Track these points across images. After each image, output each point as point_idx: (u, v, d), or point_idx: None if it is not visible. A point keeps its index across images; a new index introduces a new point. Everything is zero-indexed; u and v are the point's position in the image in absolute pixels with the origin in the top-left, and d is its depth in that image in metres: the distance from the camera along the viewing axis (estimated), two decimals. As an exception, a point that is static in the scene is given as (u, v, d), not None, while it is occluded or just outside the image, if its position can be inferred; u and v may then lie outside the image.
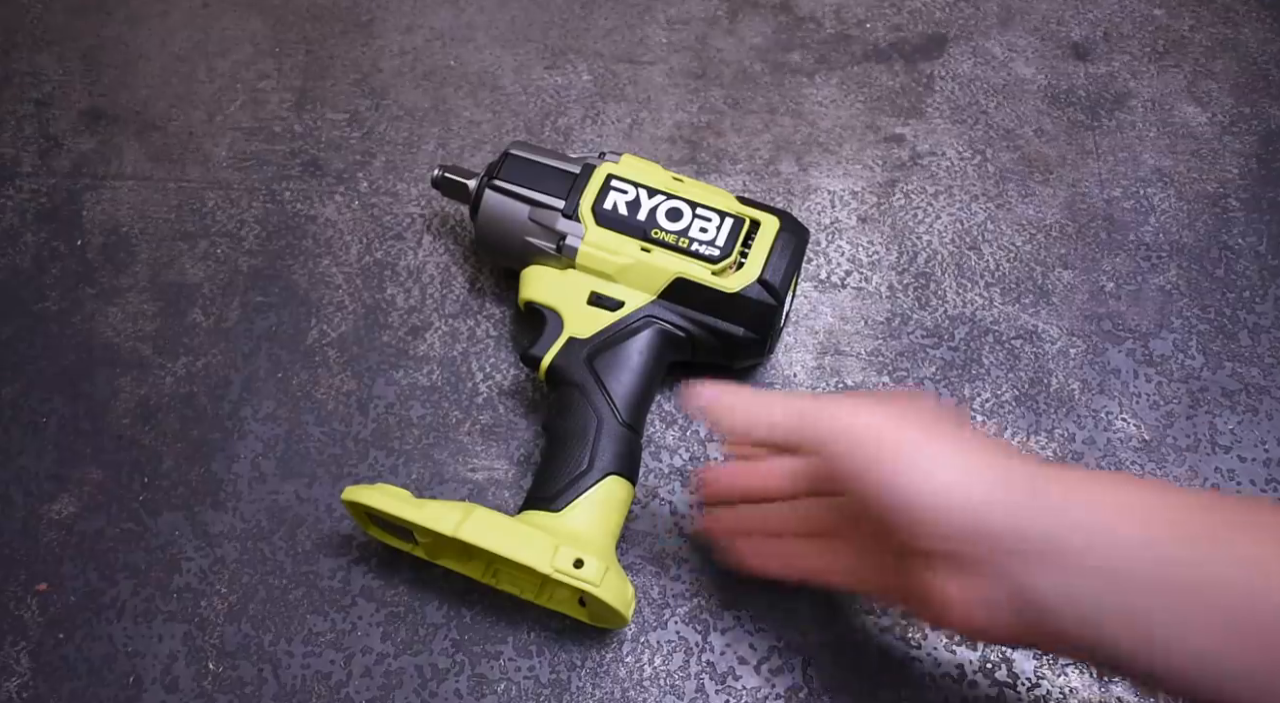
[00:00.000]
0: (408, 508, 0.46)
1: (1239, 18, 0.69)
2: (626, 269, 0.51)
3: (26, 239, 0.61)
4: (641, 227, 0.51)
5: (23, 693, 0.49)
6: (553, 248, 0.52)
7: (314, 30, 0.69)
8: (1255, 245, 0.61)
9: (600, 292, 0.52)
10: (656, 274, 0.51)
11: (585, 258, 0.51)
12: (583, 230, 0.52)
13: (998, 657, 0.50)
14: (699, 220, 0.51)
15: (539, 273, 0.53)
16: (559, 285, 0.52)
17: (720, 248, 0.50)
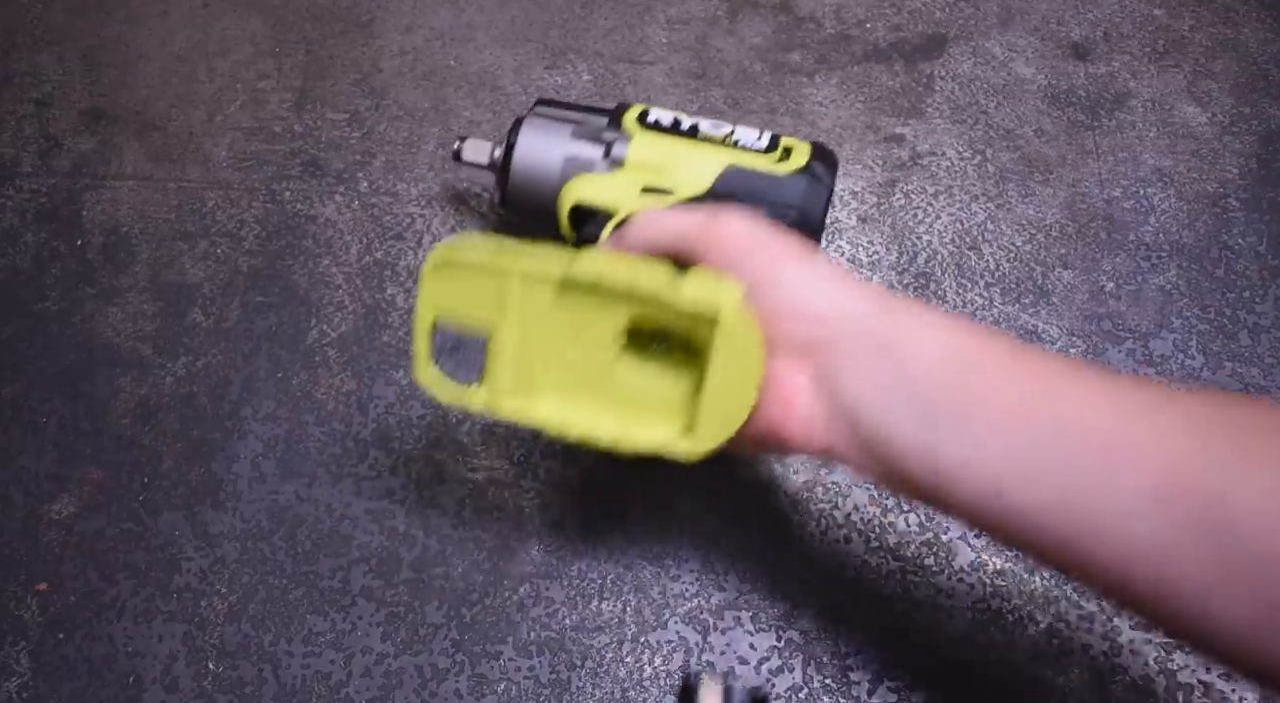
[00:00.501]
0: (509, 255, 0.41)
1: (1239, 18, 0.69)
2: (677, 162, 0.50)
3: (26, 239, 0.61)
4: (688, 131, 0.51)
5: (23, 693, 0.49)
6: (600, 153, 0.51)
7: (314, 30, 0.69)
8: (1255, 245, 0.61)
9: (653, 184, 0.50)
10: (708, 164, 0.50)
11: (636, 157, 0.51)
12: (630, 134, 0.51)
13: (997, 657, 0.50)
14: (740, 129, 0.52)
15: (586, 179, 0.51)
16: (609, 186, 0.51)
17: (766, 144, 0.51)
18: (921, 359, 0.37)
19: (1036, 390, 0.35)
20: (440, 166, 0.63)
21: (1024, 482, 0.35)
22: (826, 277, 0.40)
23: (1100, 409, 0.34)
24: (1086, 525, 0.33)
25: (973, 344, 0.37)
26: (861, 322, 0.38)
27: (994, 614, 0.51)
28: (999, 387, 0.36)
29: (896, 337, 0.38)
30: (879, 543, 0.52)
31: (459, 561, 0.52)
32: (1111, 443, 0.33)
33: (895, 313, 0.39)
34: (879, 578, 0.51)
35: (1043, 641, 0.50)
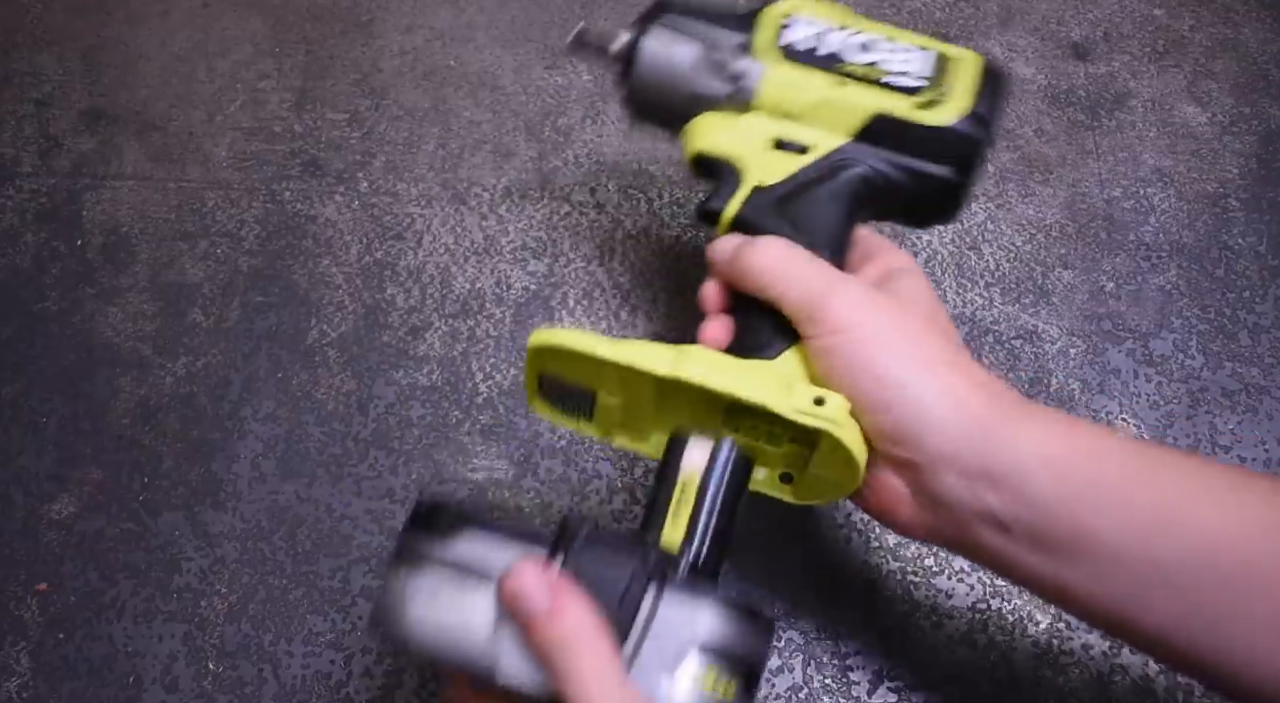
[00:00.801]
0: (612, 348, 0.39)
1: (1239, 18, 0.69)
2: (815, 108, 0.44)
3: (26, 239, 0.61)
4: (830, 59, 0.44)
5: (23, 693, 0.49)
6: (727, 91, 0.45)
7: (314, 30, 0.69)
8: (1255, 245, 0.61)
9: (785, 135, 0.44)
10: (850, 111, 0.43)
11: (767, 97, 0.44)
12: (762, 67, 0.44)
13: (997, 657, 0.50)
14: (894, 53, 0.44)
15: (710, 121, 0.45)
16: (736, 132, 0.45)
17: (922, 77, 0.43)
18: (1029, 487, 0.35)
19: (1157, 514, 0.34)
20: (440, 166, 0.63)
21: (1148, 606, 0.34)
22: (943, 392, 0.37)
23: (1227, 529, 0.33)
24: (1217, 647, 0.33)
25: (1085, 465, 0.35)
26: (957, 441, 0.36)
27: (994, 614, 0.51)
28: (1117, 516, 0.35)
29: (998, 462, 0.36)
30: (879, 543, 0.52)
31: (459, 561, 0.52)
32: (1240, 567, 0.33)
33: (994, 429, 0.36)
34: (879, 578, 0.51)
35: (1043, 641, 0.50)
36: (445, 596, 0.35)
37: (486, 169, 0.63)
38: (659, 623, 0.35)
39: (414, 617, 0.35)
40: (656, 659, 0.34)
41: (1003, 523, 0.36)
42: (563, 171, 0.63)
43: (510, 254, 0.60)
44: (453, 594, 0.35)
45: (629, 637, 0.34)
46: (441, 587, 0.35)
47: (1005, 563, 0.37)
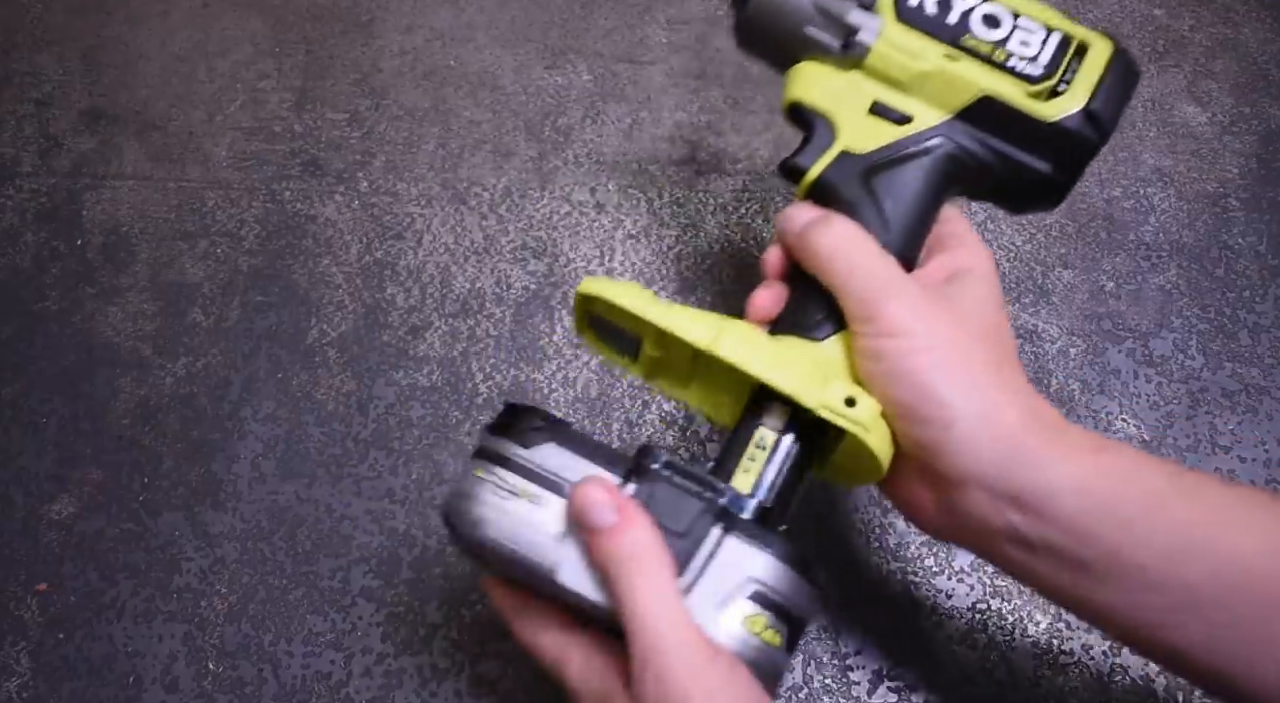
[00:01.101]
0: (655, 311, 0.39)
1: (1239, 18, 0.69)
2: (924, 78, 0.41)
3: (26, 239, 0.61)
4: (951, 30, 0.42)
5: (23, 693, 0.49)
6: (838, 44, 0.43)
7: (314, 30, 0.69)
8: (1255, 245, 0.61)
9: (886, 102, 0.42)
10: (960, 88, 0.41)
11: (878, 58, 0.42)
12: (879, 24, 0.42)
13: (997, 657, 0.50)
14: (1020, 32, 0.41)
15: (814, 70, 0.44)
16: (838, 88, 0.43)
17: (1043, 66, 0.41)
18: (1057, 509, 0.35)
19: (1188, 538, 0.34)
20: (440, 166, 0.63)
21: (1179, 628, 0.35)
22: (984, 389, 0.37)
23: (1260, 553, 0.34)
24: (1250, 670, 0.34)
25: (1115, 488, 0.35)
26: (986, 463, 0.36)
27: (994, 614, 0.51)
28: (1147, 539, 0.35)
29: (1027, 484, 0.36)
30: (879, 543, 0.52)
31: (459, 560, 0.52)
32: (1273, 591, 0.33)
33: (1025, 452, 0.36)
34: (879, 578, 0.51)
35: (1043, 641, 0.50)
36: (519, 498, 0.36)
37: (486, 169, 0.63)
38: (719, 559, 0.36)
39: (485, 514, 0.37)
40: (711, 593, 0.35)
41: (1028, 542, 0.36)
42: (563, 171, 0.63)
43: (510, 254, 0.60)
44: (526, 497, 0.37)
45: (689, 567, 0.35)
46: (517, 488, 0.37)
47: (1030, 577, 0.38)
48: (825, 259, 0.40)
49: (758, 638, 0.36)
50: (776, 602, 0.36)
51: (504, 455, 0.37)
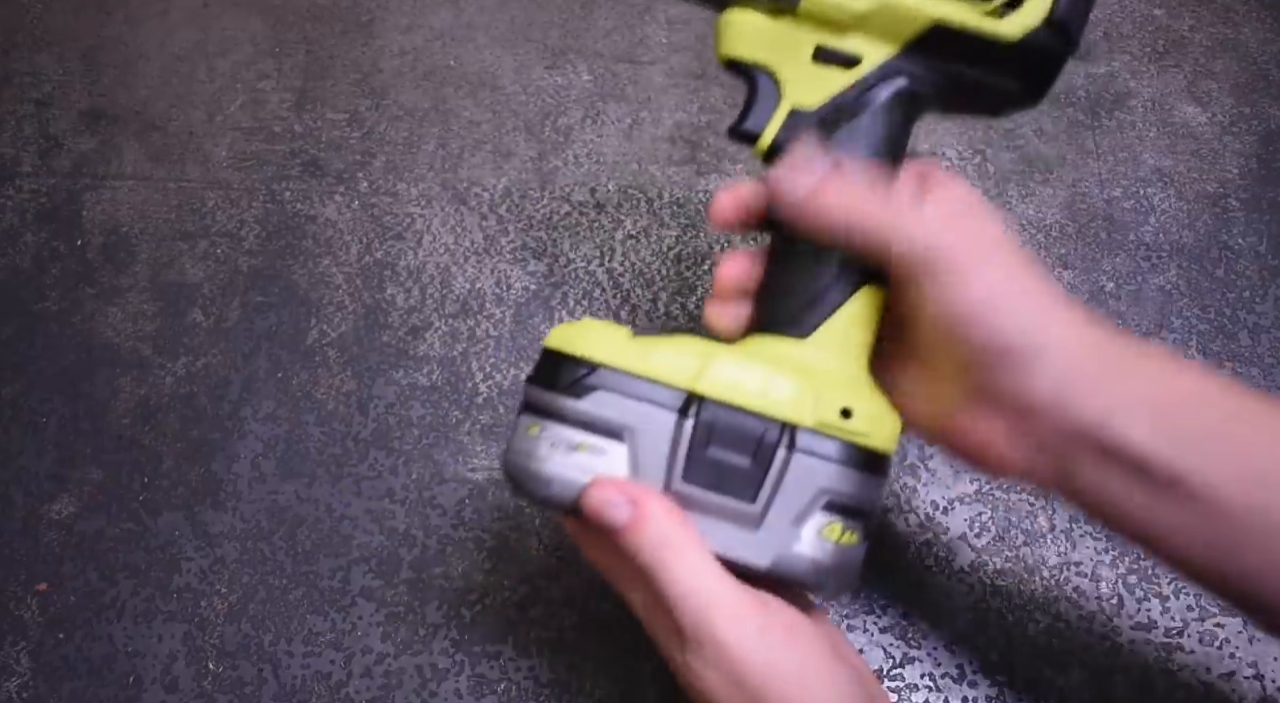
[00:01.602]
0: (629, 357, 0.37)
1: (1239, 18, 0.69)
2: (865, 16, 0.38)
3: (26, 239, 0.61)
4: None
5: (23, 693, 0.49)
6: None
7: (314, 30, 0.69)
8: (1255, 245, 0.61)
9: (829, 45, 0.39)
10: (906, 19, 0.38)
11: (810, 3, 0.39)
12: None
13: (997, 657, 0.50)
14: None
15: (745, 20, 0.40)
16: (773, 37, 0.40)
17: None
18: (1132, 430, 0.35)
19: (1262, 463, 0.34)
20: (440, 166, 0.63)
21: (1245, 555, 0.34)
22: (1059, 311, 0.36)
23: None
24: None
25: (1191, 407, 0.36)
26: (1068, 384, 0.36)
27: (994, 614, 0.51)
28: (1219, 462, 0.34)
29: (1104, 405, 0.35)
30: (879, 543, 0.52)
31: (459, 561, 0.52)
32: None
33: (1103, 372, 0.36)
34: (879, 578, 0.51)
35: (1043, 641, 0.50)
36: (579, 451, 0.36)
37: (486, 169, 0.63)
38: (789, 478, 0.36)
39: (550, 472, 0.36)
40: (786, 513, 0.36)
41: (1102, 463, 0.35)
42: (563, 172, 0.63)
43: (510, 254, 0.60)
44: (587, 449, 0.36)
45: (760, 492, 0.36)
46: (575, 441, 0.36)
47: (1102, 504, 0.36)
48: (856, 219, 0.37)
49: (836, 544, 0.37)
50: (849, 505, 0.37)
51: (556, 410, 0.37)
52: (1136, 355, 0.36)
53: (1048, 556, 0.52)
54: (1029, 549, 0.52)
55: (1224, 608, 0.50)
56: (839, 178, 0.38)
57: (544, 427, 0.37)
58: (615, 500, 0.35)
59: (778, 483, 0.36)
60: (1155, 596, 0.51)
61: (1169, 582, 0.51)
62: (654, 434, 0.36)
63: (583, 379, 0.37)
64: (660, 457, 0.36)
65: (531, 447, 0.37)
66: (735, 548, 0.36)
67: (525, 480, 0.37)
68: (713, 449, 0.36)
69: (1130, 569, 0.52)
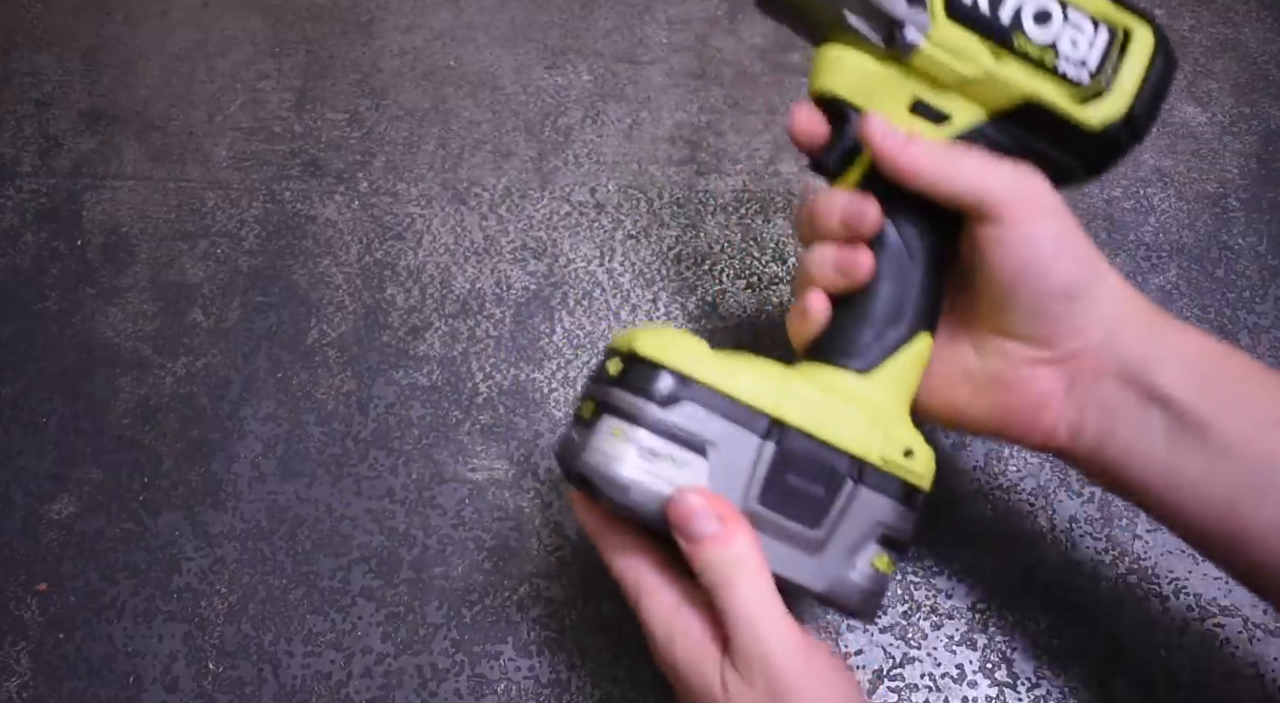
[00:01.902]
0: (722, 377, 0.38)
1: (1239, 18, 0.69)
2: (969, 81, 0.39)
3: (26, 239, 0.61)
4: (1004, 30, 0.39)
5: (23, 693, 0.49)
6: (880, 37, 0.39)
7: (314, 30, 0.69)
8: (1255, 245, 0.61)
9: (926, 99, 0.40)
10: (1006, 92, 0.39)
11: (923, 58, 0.39)
12: (928, 22, 0.39)
13: (997, 657, 0.50)
14: (1070, 29, 0.39)
15: (850, 58, 0.40)
16: (876, 81, 0.40)
17: (1091, 69, 0.39)
18: (1166, 375, 0.38)
19: (1276, 414, 0.37)
20: (440, 166, 0.63)
21: (1259, 503, 0.36)
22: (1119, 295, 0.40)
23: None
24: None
25: (1215, 360, 0.39)
26: (1120, 334, 0.39)
27: (994, 614, 0.51)
28: (1236, 409, 0.37)
29: (1143, 351, 0.39)
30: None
31: (459, 561, 0.52)
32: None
33: (1147, 326, 0.39)
34: (879, 578, 0.51)
35: (1043, 641, 0.50)
36: (661, 460, 0.37)
37: (486, 169, 0.63)
38: (853, 510, 0.39)
39: (632, 478, 0.37)
40: (844, 542, 0.39)
41: (1141, 408, 0.38)
42: (563, 172, 0.63)
43: (510, 254, 0.60)
44: (669, 460, 0.37)
45: (826, 519, 0.39)
46: (659, 450, 0.37)
47: (1132, 455, 0.39)
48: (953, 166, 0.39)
49: (881, 572, 0.40)
50: (896, 538, 0.40)
51: (644, 417, 0.37)
52: (1171, 318, 0.40)
53: (1048, 555, 0.52)
54: (1029, 549, 0.52)
55: (1224, 608, 0.51)
56: (923, 137, 0.40)
57: (628, 432, 0.38)
58: (706, 513, 0.37)
59: (842, 513, 0.39)
60: (1155, 596, 0.51)
61: (1169, 582, 0.51)
62: (737, 453, 0.38)
63: (674, 390, 0.38)
64: (740, 476, 0.38)
65: (615, 450, 0.37)
66: (794, 570, 0.38)
67: (603, 483, 0.38)
68: (790, 475, 0.38)
69: (1130, 569, 0.52)
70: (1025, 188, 0.39)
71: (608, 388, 0.39)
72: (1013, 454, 0.54)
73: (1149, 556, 0.52)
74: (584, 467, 0.38)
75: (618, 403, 0.38)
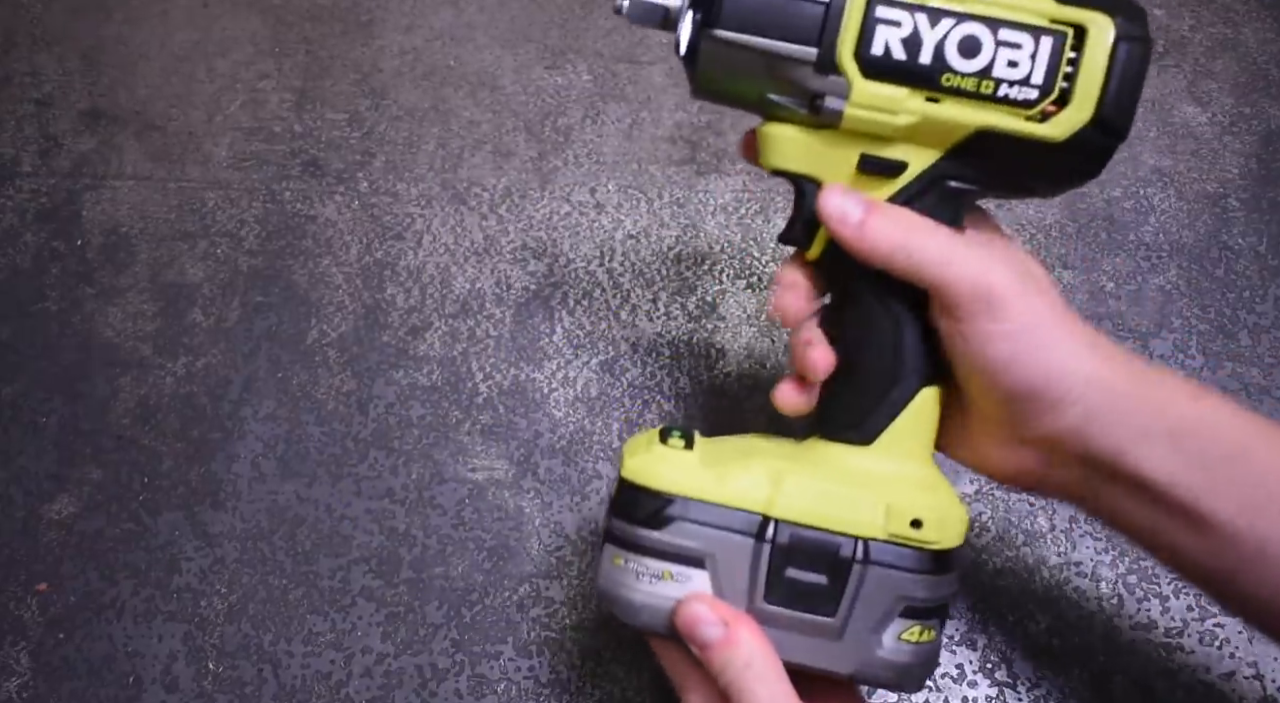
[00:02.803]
0: (707, 486, 0.39)
1: (1239, 18, 0.69)
2: (909, 130, 0.38)
3: (26, 239, 0.61)
4: (927, 71, 0.37)
5: (23, 693, 0.49)
6: (804, 110, 0.39)
7: (314, 30, 0.69)
8: (1255, 245, 0.61)
9: (873, 154, 0.39)
10: (951, 129, 0.38)
11: (852, 121, 0.38)
12: (846, 86, 0.37)
13: (997, 657, 0.50)
14: (1004, 49, 0.37)
15: (786, 135, 0.40)
16: (816, 150, 0.40)
17: (1038, 86, 0.37)
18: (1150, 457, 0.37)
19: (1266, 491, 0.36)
20: (440, 166, 0.63)
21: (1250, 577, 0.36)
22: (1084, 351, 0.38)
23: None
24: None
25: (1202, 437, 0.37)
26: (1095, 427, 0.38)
27: (994, 614, 0.51)
28: (1226, 488, 0.36)
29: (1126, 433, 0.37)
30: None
31: (459, 561, 0.52)
32: None
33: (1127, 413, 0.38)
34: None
35: (1043, 641, 0.50)
36: (664, 581, 0.38)
37: (486, 169, 0.63)
38: (866, 590, 0.38)
39: (637, 600, 0.38)
40: (866, 623, 0.38)
41: (1120, 489, 0.38)
42: (563, 172, 0.63)
43: (510, 254, 0.60)
44: (670, 578, 0.38)
45: (840, 604, 0.38)
46: (659, 571, 0.38)
47: (1120, 523, 0.39)
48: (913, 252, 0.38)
49: (915, 644, 0.39)
50: (926, 607, 0.39)
51: (639, 542, 0.39)
52: (1155, 385, 0.38)
53: (1048, 555, 0.52)
54: (1029, 549, 0.52)
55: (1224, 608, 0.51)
56: (889, 207, 0.39)
57: (628, 558, 0.39)
58: (708, 619, 0.37)
59: (856, 595, 0.38)
60: (1155, 596, 0.51)
61: (1169, 582, 0.51)
62: (733, 559, 0.38)
63: (661, 511, 0.38)
64: (741, 580, 0.38)
65: (620, 577, 0.39)
66: (818, 659, 0.38)
67: (616, 608, 0.39)
68: (791, 570, 0.38)
69: (1130, 569, 0.52)
70: (981, 282, 0.37)
71: (610, 516, 0.40)
72: (1013, 454, 0.54)
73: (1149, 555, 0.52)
74: (601, 594, 0.40)
75: (615, 531, 0.40)
